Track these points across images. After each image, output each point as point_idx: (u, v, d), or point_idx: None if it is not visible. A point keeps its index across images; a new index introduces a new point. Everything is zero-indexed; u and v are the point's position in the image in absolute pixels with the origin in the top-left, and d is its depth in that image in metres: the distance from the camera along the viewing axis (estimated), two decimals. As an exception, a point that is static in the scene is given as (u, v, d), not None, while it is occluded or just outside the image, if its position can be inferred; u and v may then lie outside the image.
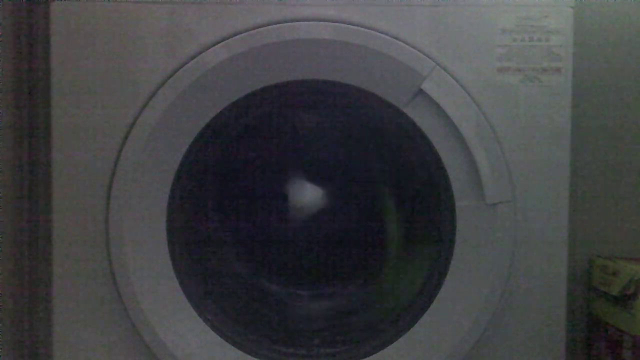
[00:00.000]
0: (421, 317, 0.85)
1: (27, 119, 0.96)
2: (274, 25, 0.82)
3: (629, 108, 1.03)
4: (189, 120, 0.82)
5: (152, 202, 0.83)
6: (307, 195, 1.02)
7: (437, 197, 0.87)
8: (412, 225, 1.00)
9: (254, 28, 0.82)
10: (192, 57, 0.82)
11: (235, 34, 0.82)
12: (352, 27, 0.82)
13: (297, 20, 0.82)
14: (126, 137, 0.82)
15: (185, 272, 0.87)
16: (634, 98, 1.03)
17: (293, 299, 1.02)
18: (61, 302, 0.85)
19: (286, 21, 0.82)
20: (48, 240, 0.86)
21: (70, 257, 0.84)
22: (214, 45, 0.82)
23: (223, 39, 0.82)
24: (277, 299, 1.02)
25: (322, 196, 1.02)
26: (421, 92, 0.82)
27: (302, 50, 0.81)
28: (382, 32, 0.82)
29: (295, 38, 0.81)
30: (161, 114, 0.81)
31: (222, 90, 0.82)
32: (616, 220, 1.04)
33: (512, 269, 0.85)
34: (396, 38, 0.82)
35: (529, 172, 0.85)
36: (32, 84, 0.96)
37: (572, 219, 0.88)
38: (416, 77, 0.82)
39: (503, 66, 0.84)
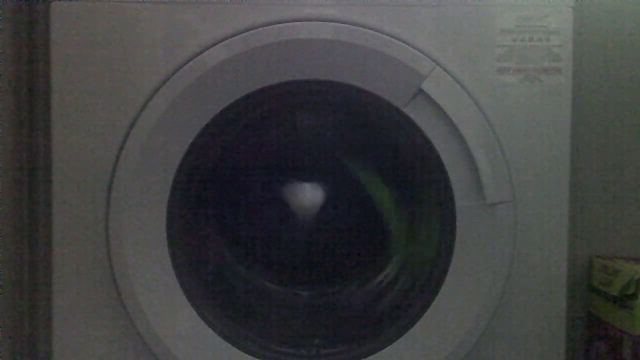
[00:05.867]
0: (421, 317, 0.85)
1: (27, 119, 0.96)
2: (274, 25, 0.82)
3: (629, 108, 1.03)
4: (189, 120, 0.82)
5: (152, 202, 0.83)
6: (307, 195, 1.02)
7: (437, 197, 0.87)
8: (412, 225, 1.00)
9: (254, 28, 0.82)
10: (192, 57, 0.82)
11: (235, 34, 0.82)
12: (352, 27, 0.82)
13: (297, 20, 0.82)
14: (126, 137, 0.82)
15: (185, 272, 0.87)
16: (634, 98, 1.03)
17: (293, 299, 1.02)
18: (61, 302, 0.85)
19: (286, 21, 0.82)
20: (48, 241, 0.87)
21: (70, 257, 0.84)
22: (214, 45, 0.82)
23: (223, 39, 0.82)
24: (277, 299, 1.02)
25: (322, 196, 1.02)
26: (421, 92, 0.82)
27: (302, 50, 0.81)
28: (382, 32, 0.82)
29: (295, 38, 0.81)
30: (161, 114, 0.81)
31: (222, 90, 0.82)
32: (616, 220, 1.04)
33: (512, 269, 0.85)
34: (396, 38, 0.82)
35: (529, 172, 0.85)
36: (32, 84, 0.96)
37: (572, 219, 0.88)
38: (416, 77, 0.82)
39: (503, 66, 0.84)
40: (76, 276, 0.84)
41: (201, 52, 0.82)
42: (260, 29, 0.82)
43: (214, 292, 0.93)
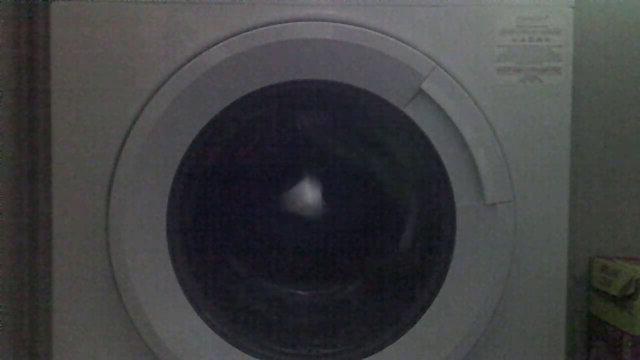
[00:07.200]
0: (421, 317, 0.85)
1: (27, 119, 0.96)
2: (274, 25, 0.82)
3: (629, 108, 1.03)
4: (189, 120, 0.82)
5: (152, 202, 0.83)
6: (307, 195, 1.02)
7: (437, 197, 0.87)
8: (412, 225, 1.00)
9: (254, 28, 0.82)
10: (192, 57, 0.82)
11: (235, 34, 0.82)
12: (352, 27, 0.82)
13: (297, 20, 0.82)
14: (126, 137, 0.82)
15: (185, 272, 0.87)
16: (634, 98, 1.03)
17: (293, 299, 1.02)
18: (61, 302, 0.85)
19: (286, 21, 0.82)
20: (48, 240, 0.87)
21: (70, 257, 0.84)
22: (214, 45, 0.82)
23: (223, 39, 0.82)
24: (277, 299, 1.02)
25: (322, 196, 1.02)
26: (421, 92, 0.82)
27: (302, 50, 0.81)
28: (382, 32, 0.82)
29: (295, 38, 0.81)
30: (161, 114, 0.81)
31: (222, 90, 0.82)
32: (616, 220, 1.04)
33: (512, 269, 0.85)
34: (396, 38, 0.82)
35: (529, 172, 0.85)
36: (32, 84, 0.96)
37: (572, 219, 0.88)
38: (416, 77, 0.82)
39: (503, 66, 0.84)
40: (76, 276, 0.84)
41: (201, 52, 0.82)
42: (260, 29, 0.82)
43: (214, 292, 0.93)
